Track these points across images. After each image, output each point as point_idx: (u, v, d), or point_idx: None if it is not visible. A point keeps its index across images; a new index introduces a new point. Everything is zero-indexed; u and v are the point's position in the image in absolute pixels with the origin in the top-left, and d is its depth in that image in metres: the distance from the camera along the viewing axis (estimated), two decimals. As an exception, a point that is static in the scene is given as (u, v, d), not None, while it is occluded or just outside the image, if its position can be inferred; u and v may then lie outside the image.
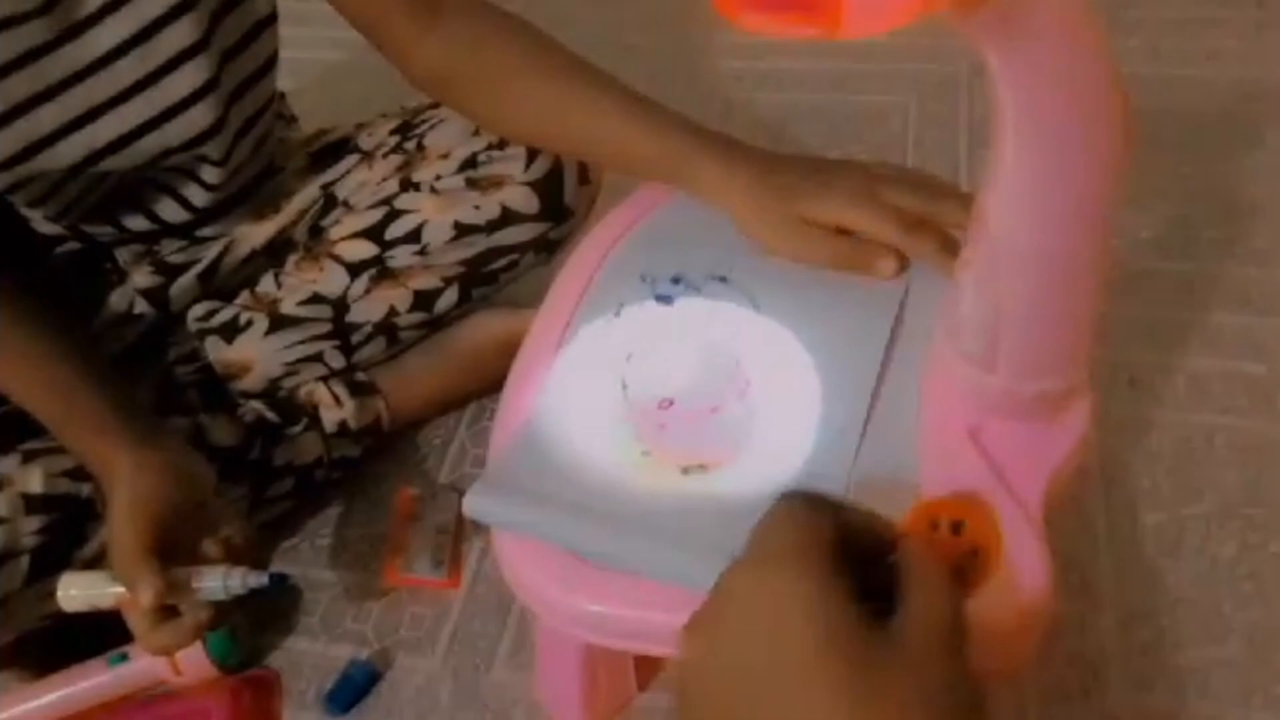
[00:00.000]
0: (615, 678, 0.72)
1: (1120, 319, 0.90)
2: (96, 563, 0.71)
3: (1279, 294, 0.91)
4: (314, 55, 0.83)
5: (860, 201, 0.62)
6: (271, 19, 0.75)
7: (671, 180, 0.68)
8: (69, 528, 0.71)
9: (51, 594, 0.69)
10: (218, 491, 0.69)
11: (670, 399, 0.62)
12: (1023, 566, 0.54)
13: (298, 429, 0.84)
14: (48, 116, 0.67)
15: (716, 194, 0.66)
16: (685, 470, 0.58)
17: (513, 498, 0.57)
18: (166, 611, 0.61)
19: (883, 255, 0.62)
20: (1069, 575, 0.75)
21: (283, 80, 0.82)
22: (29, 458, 0.72)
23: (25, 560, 0.69)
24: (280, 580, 0.64)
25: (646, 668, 0.74)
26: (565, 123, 0.71)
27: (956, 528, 0.54)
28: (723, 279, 0.66)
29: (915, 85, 1.18)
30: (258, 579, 0.62)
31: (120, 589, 0.61)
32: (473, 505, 0.58)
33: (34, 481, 0.70)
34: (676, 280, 0.66)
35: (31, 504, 0.70)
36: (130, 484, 0.63)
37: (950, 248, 0.60)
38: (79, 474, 0.72)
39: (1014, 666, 0.60)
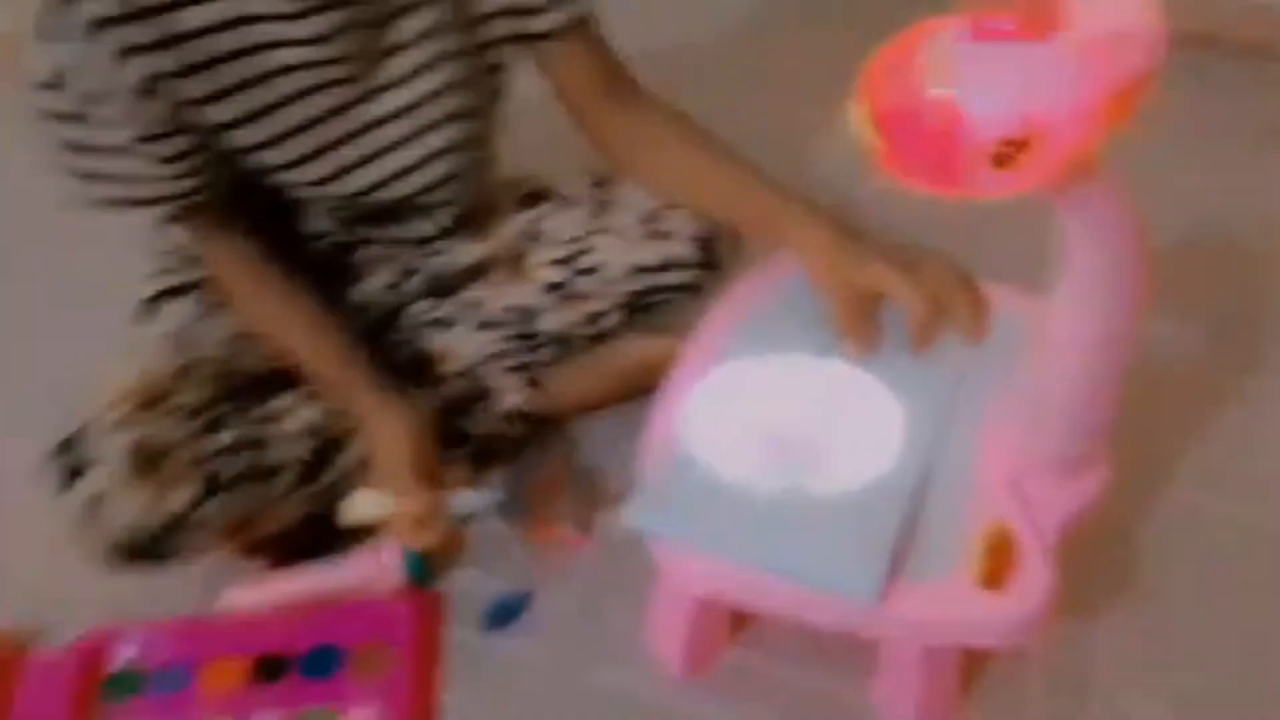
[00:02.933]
0: (712, 634, 0.94)
1: (1157, 416, 1.10)
2: (340, 481, 0.95)
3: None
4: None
5: (892, 274, 0.78)
6: (504, 92, 0.98)
7: (773, 234, 0.87)
8: (324, 453, 0.95)
9: (305, 500, 0.94)
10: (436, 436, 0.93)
11: (780, 438, 0.83)
12: (1033, 581, 0.75)
13: (482, 406, 1.08)
14: (348, 154, 0.90)
15: (800, 243, 0.84)
16: (786, 490, 0.80)
17: (660, 515, 0.79)
18: (425, 521, 0.85)
19: (850, 343, 0.81)
20: (1079, 603, 0.94)
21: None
22: (303, 399, 0.96)
23: (295, 472, 0.93)
24: (503, 499, 0.88)
25: (737, 626, 0.95)
26: (700, 188, 0.94)
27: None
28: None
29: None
30: (493, 496, 0.86)
31: (391, 506, 0.85)
32: (630, 519, 0.79)
33: (308, 415, 0.95)
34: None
35: (305, 431, 0.94)
36: (392, 424, 0.87)
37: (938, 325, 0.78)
38: (333, 415, 0.96)
39: (1014, 649, 0.79)
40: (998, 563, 0.76)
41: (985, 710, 0.90)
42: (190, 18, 0.77)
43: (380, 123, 0.90)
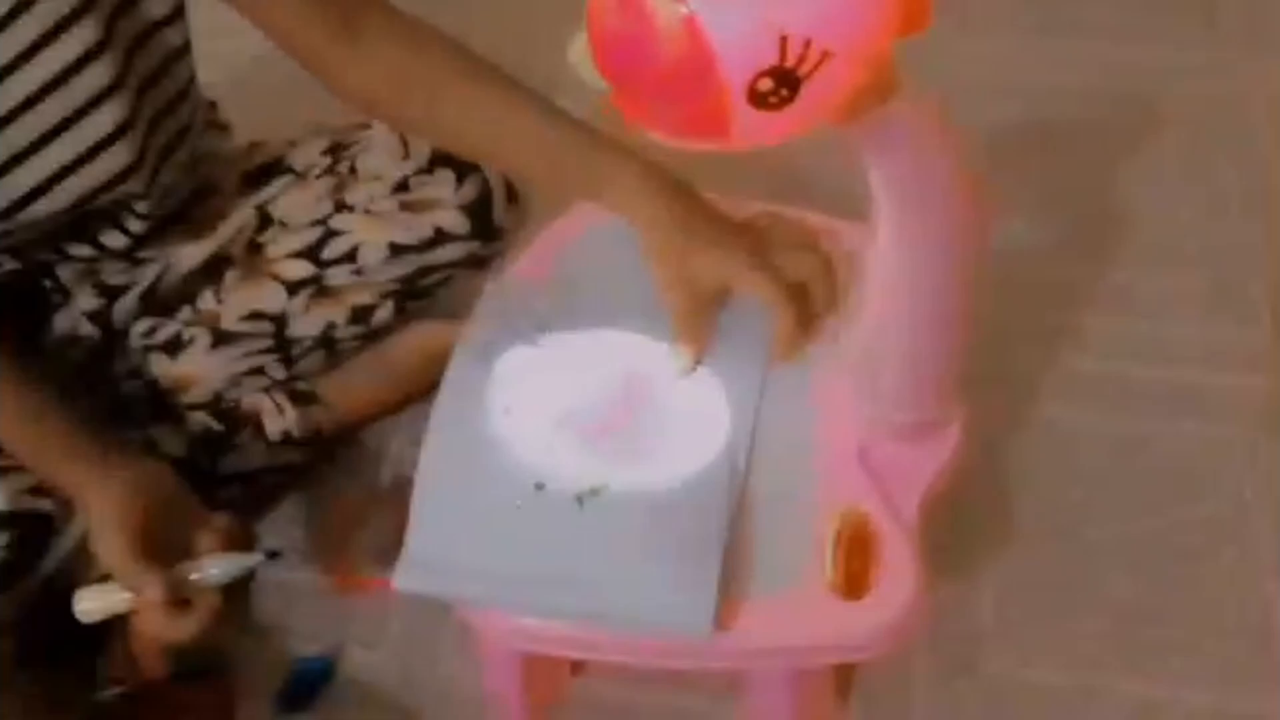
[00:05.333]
0: (553, 673, 0.80)
1: (1004, 323, 0.98)
2: (61, 574, 0.76)
3: (1153, 297, 1.01)
4: (244, 48, 0.85)
5: (750, 269, 0.65)
6: (185, 49, 0.78)
7: (584, 189, 0.70)
8: (32, 541, 0.75)
9: (18, 603, 0.75)
10: (183, 488, 0.73)
11: (559, 422, 0.67)
12: (899, 577, 0.62)
13: (243, 438, 0.89)
14: None
15: (626, 208, 0.68)
16: (579, 499, 0.64)
17: (435, 571, 0.62)
18: (180, 605, 0.66)
19: (684, 351, 0.68)
20: (951, 559, 0.83)
21: (213, 73, 0.84)
22: (-1, 473, 0.75)
23: (-6, 571, 0.73)
24: (273, 555, 0.70)
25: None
26: (486, 132, 0.73)
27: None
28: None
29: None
30: (254, 558, 0.68)
31: (127, 596, 0.66)
32: (403, 584, 0.62)
33: (6, 498, 0.74)
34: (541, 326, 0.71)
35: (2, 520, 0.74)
36: (102, 498, 0.67)
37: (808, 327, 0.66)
38: (39, 490, 0.75)
39: (892, 654, 0.68)
40: (856, 560, 0.63)
41: (869, 701, 0.79)
42: None
43: (10, 118, 0.69)
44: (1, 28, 0.65)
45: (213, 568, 0.68)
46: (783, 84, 0.41)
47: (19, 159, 0.70)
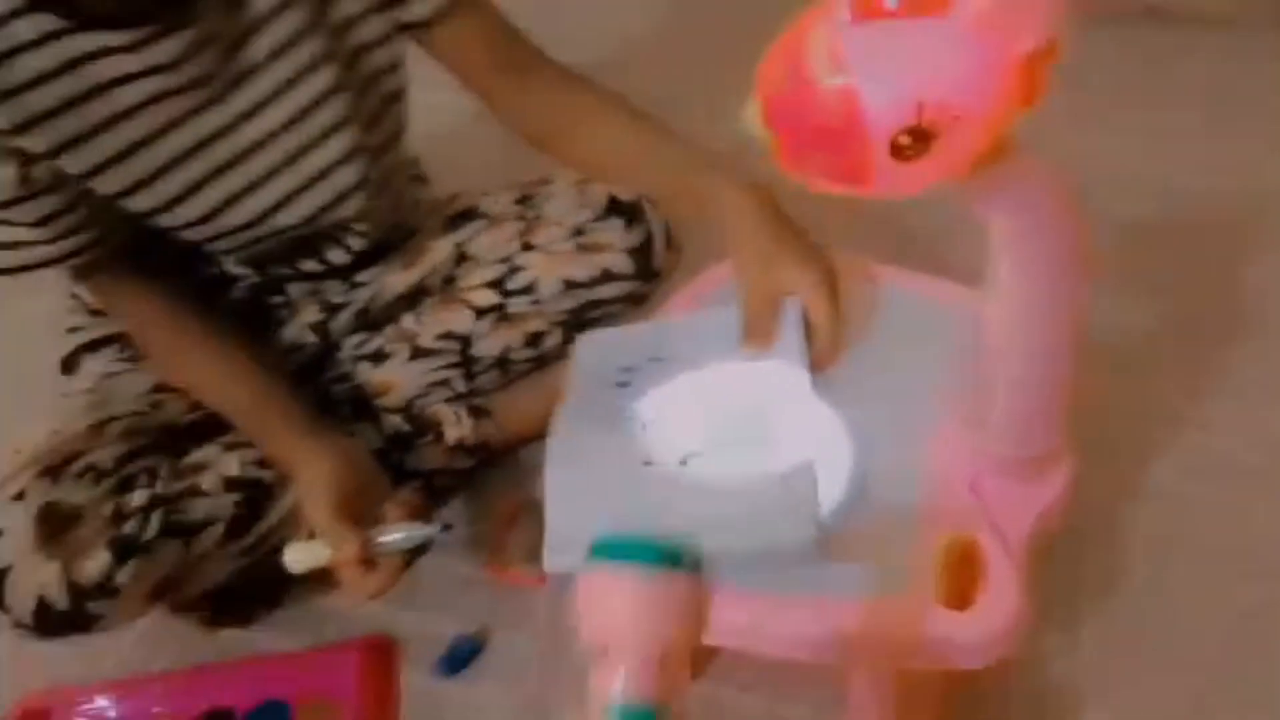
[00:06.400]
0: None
1: (1128, 399, 1.04)
2: (273, 533, 0.91)
3: (1269, 385, 1.05)
4: (445, 118, 1.00)
5: (818, 288, 0.77)
6: (400, 95, 0.92)
7: (695, 203, 0.84)
8: (253, 505, 0.90)
9: (237, 555, 0.90)
10: (376, 466, 0.88)
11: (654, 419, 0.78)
12: (1002, 594, 0.69)
13: (425, 440, 1.03)
14: (225, 187, 0.84)
15: (726, 218, 0.81)
16: (683, 461, 0.75)
17: (573, 552, 0.71)
18: (369, 564, 0.80)
19: (750, 346, 0.79)
20: (1058, 612, 0.89)
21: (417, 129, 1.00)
22: (228, 448, 0.91)
23: (221, 527, 0.88)
24: (446, 528, 0.83)
25: (700, 659, 0.89)
26: (623, 161, 0.91)
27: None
28: (658, 359, 0.83)
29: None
30: (431, 529, 0.81)
31: (329, 552, 0.80)
32: (551, 565, 0.73)
33: (233, 466, 0.90)
34: (627, 369, 0.83)
35: (229, 484, 0.89)
36: (314, 467, 0.82)
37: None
38: (263, 463, 0.91)
39: (990, 668, 0.74)
40: (961, 578, 0.71)
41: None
42: (21, 69, 0.72)
43: (254, 148, 0.84)
44: (262, 69, 0.81)
45: (398, 533, 0.81)
46: (918, 140, 0.52)
47: (264, 180, 0.85)
